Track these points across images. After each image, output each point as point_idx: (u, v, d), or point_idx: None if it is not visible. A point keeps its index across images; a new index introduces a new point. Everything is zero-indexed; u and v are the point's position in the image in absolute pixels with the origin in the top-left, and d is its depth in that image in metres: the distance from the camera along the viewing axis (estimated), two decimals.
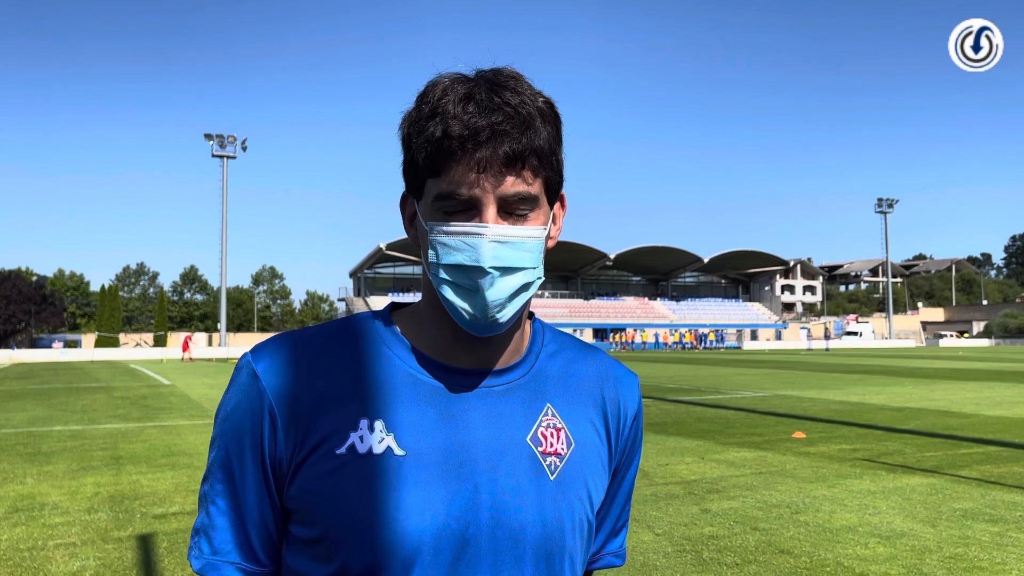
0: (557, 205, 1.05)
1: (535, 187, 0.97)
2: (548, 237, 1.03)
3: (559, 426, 1.05)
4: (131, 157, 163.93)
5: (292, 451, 0.98)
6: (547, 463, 1.02)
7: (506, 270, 0.95)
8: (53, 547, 5.73)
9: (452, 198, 0.95)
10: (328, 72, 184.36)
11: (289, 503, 1.00)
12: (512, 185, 0.94)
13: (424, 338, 1.05)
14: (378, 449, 0.97)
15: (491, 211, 0.94)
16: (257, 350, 1.03)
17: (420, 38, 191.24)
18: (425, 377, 1.02)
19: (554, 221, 1.05)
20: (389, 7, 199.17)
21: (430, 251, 0.98)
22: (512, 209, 0.96)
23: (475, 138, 0.92)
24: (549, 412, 1.05)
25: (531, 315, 1.14)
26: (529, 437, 1.02)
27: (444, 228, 0.96)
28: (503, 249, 0.95)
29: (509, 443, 1.01)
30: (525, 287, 0.98)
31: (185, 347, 49.39)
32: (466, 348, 1.03)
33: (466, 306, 0.96)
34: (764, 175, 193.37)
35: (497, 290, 0.95)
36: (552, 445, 1.03)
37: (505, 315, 0.97)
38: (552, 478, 1.02)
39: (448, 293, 0.97)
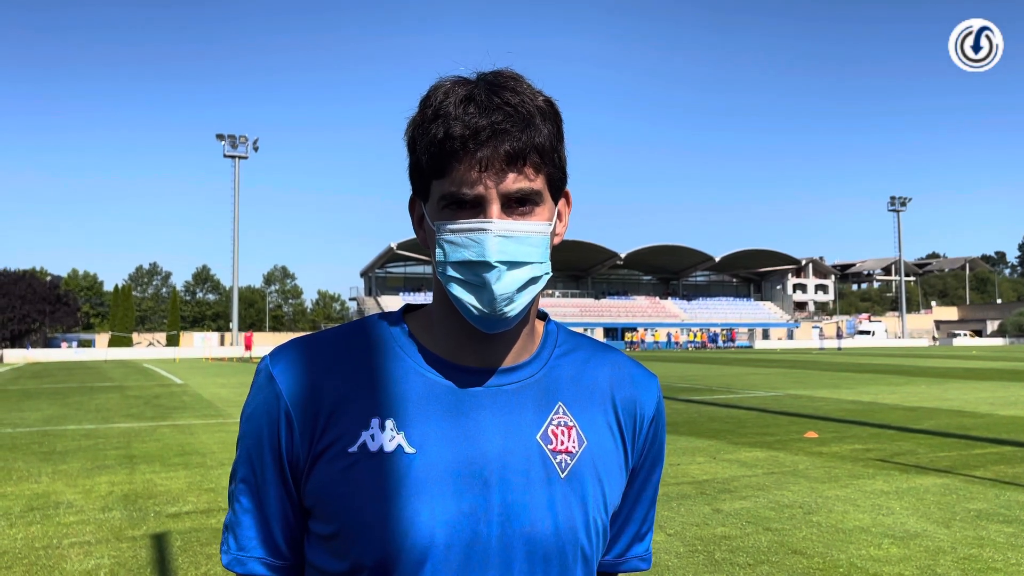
0: (562, 202, 1.06)
1: (537, 183, 0.98)
2: (554, 234, 1.03)
3: (570, 424, 1.05)
4: (144, 158, 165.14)
5: (307, 450, 1.00)
6: (557, 460, 1.02)
7: (512, 264, 0.97)
8: (68, 545, 5.78)
9: (457, 197, 0.96)
10: (340, 72, 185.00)
11: (306, 501, 1.02)
12: (514, 182, 0.96)
13: (434, 338, 1.06)
14: (389, 447, 0.98)
15: (495, 207, 0.96)
16: (275, 354, 1.07)
17: (433, 39, 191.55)
18: (435, 376, 1.03)
19: (559, 218, 1.06)
20: (402, 8, 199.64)
21: (438, 250, 0.99)
22: (516, 205, 0.97)
23: (476, 137, 0.94)
24: (560, 410, 1.06)
25: (546, 316, 1.15)
26: (539, 435, 1.03)
27: (450, 226, 0.97)
28: (508, 244, 0.96)
29: (519, 441, 1.01)
30: (533, 281, 0.99)
31: (248, 345, 50.85)
32: (476, 347, 1.04)
33: (474, 301, 0.97)
34: (775, 174, 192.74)
35: (504, 284, 0.96)
36: (563, 443, 1.03)
37: (514, 309, 0.98)
38: (563, 476, 1.02)
39: (457, 290, 0.98)
